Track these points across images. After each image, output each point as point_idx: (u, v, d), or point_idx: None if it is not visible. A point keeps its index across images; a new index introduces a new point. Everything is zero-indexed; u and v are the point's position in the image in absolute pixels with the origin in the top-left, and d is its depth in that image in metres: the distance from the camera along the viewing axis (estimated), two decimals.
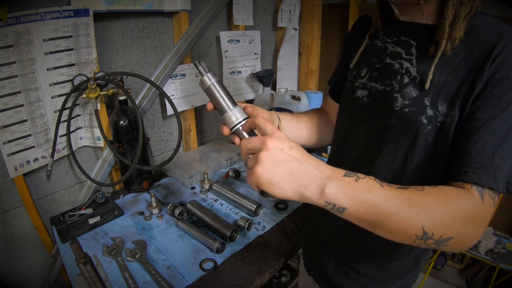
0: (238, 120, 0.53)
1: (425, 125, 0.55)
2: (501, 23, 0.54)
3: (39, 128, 1.05)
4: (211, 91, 0.54)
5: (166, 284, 0.81)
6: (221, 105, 0.54)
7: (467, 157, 0.50)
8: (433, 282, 1.96)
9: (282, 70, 1.87)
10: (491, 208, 0.50)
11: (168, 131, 1.51)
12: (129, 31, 1.23)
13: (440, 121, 0.54)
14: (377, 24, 0.67)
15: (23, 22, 0.92)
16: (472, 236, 0.49)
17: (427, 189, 0.48)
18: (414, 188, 0.48)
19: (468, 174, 0.49)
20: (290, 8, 1.77)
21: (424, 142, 0.56)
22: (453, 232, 0.47)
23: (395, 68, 0.60)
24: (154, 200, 1.10)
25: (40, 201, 1.14)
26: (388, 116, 0.60)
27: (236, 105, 0.55)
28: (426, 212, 0.46)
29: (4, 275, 1.09)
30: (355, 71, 0.70)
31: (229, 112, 0.54)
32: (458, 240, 0.48)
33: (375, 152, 0.63)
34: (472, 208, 0.47)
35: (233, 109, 0.54)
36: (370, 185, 0.46)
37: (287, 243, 0.97)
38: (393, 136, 0.60)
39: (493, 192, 0.49)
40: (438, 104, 0.54)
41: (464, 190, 0.49)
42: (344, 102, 0.75)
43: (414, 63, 0.58)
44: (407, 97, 0.57)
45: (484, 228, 0.50)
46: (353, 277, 0.73)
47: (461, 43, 0.53)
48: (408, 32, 0.60)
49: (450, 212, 0.47)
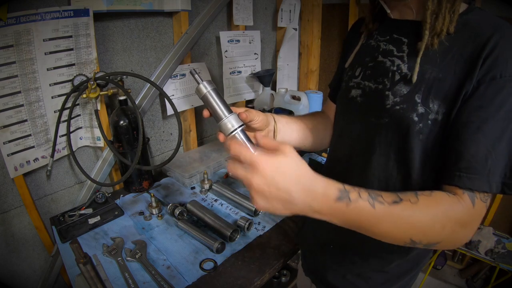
0: (233, 127, 0.54)
1: (416, 123, 0.55)
2: (496, 19, 0.52)
3: (39, 128, 1.05)
4: (207, 99, 0.55)
5: (166, 284, 0.81)
6: (217, 112, 0.55)
7: (460, 161, 0.50)
8: (433, 282, 1.96)
9: (282, 70, 1.87)
10: (483, 210, 0.51)
11: (168, 131, 1.51)
12: (129, 31, 1.23)
13: (432, 119, 0.54)
14: (368, 23, 0.67)
15: (23, 22, 0.92)
16: (462, 239, 0.52)
17: (421, 199, 0.49)
18: (407, 201, 0.49)
19: (461, 179, 0.49)
20: (290, 8, 1.77)
21: (416, 140, 0.56)
22: (442, 238, 0.50)
23: (386, 66, 0.60)
24: (154, 200, 1.10)
25: (40, 201, 1.14)
26: (380, 115, 0.60)
27: (231, 112, 0.56)
28: (416, 227, 0.49)
29: (4, 275, 1.09)
30: (350, 71, 0.70)
31: (224, 120, 0.55)
32: (447, 242, 0.51)
33: (369, 151, 0.63)
34: (463, 214, 0.49)
35: (229, 117, 0.55)
36: (361, 210, 0.47)
37: (287, 243, 0.97)
38: (386, 135, 0.60)
39: (485, 195, 0.50)
40: (429, 101, 0.54)
41: (456, 197, 0.50)
42: (339, 102, 0.75)
43: (405, 60, 0.57)
44: (398, 95, 0.57)
45: (474, 229, 0.51)
46: (349, 278, 0.73)
47: (453, 38, 0.52)
48: (400, 29, 0.60)
49: (440, 222, 0.49)
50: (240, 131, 0.55)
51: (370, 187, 0.63)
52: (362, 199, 0.47)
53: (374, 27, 0.66)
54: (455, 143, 0.51)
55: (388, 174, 0.61)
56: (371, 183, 0.64)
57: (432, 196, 0.50)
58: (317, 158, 1.47)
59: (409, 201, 0.48)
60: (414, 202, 0.48)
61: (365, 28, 0.68)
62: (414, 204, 0.48)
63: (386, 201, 0.48)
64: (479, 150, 0.49)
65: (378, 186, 0.63)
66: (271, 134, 0.71)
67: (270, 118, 0.71)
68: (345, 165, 0.70)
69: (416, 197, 0.49)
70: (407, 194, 0.50)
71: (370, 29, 0.67)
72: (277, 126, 0.72)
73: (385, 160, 0.61)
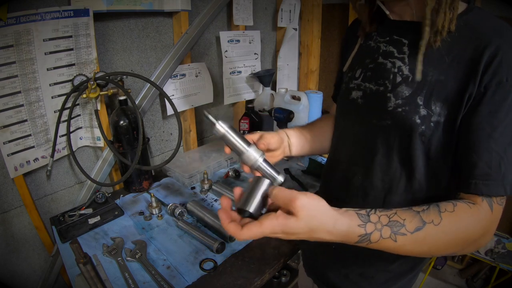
0: (256, 158, 0.59)
1: (418, 125, 0.55)
2: (496, 20, 0.52)
3: (39, 128, 1.05)
4: (226, 138, 0.59)
5: (166, 284, 0.81)
6: (238, 148, 0.59)
7: (475, 169, 0.51)
8: (433, 282, 1.96)
9: (282, 70, 1.87)
10: (500, 213, 0.53)
11: (168, 131, 1.51)
12: (129, 31, 1.23)
13: (434, 121, 0.54)
14: (365, 26, 0.65)
15: (23, 22, 0.92)
16: (481, 244, 0.54)
17: (444, 218, 0.50)
18: (431, 223, 0.49)
19: (477, 186, 0.51)
20: (290, 8, 1.77)
21: (419, 142, 0.56)
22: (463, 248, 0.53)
23: (387, 68, 0.59)
24: (154, 200, 1.10)
25: (40, 201, 1.14)
26: (382, 117, 0.60)
27: (250, 144, 0.60)
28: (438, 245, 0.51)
29: (4, 275, 1.09)
30: (350, 73, 0.69)
31: (246, 153, 0.59)
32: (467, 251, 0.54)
33: (370, 153, 0.63)
34: (483, 223, 0.51)
35: (249, 150, 0.59)
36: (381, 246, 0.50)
37: (287, 243, 0.97)
38: (388, 137, 0.60)
39: (501, 198, 0.52)
40: (432, 104, 0.53)
41: (476, 207, 0.51)
42: (340, 104, 0.75)
43: (407, 61, 0.57)
44: (400, 97, 0.57)
45: (493, 233, 0.53)
46: (352, 278, 0.72)
47: (453, 39, 0.52)
48: (400, 30, 0.59)
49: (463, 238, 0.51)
50: (262, 162, 0.60)
51: (374, 188, 0.64)
52: (384, 238, 0.49)
53: (372, 29, 0.65)
54: (468, 151, 0.52)
55: (391, 175, 0.61)
56: (374, 184, 0.64)
57: (455, 212, 0.51)
58: (317, 158, 1.47)
59: (433, 223, 0.49)
60: (437, 223, 0.49)
61: (362, 31, 0.67)
62: (438, 226, 0.49)
63: (409, 231, 0.49)
64: (492, 157, 0.50)
65: (382, 187, 0.63)
66: (286, 150, 0.75)
67: (284, 136, 0.74)
68: (346, 167, 0.70)
69: (439, 216, 0.50)
70: (431, 214, 0.50)
71: (368, 30, 0.65)
72: (290, 141, 0.75)
73: (388, 161, 0.61)
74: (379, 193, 0.64)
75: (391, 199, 0.63)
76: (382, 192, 0.63)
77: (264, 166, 0.59)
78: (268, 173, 0.59)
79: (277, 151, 0.72)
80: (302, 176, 1.36)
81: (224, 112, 1.77)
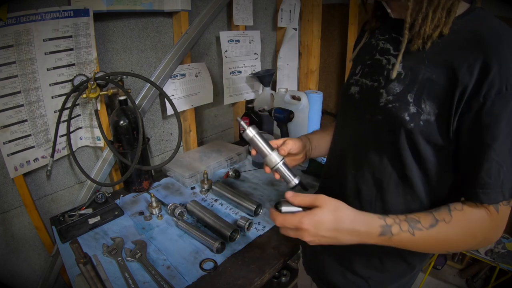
0: (276, 161, 0.69)
1: (407, 122, 0.55)
2: (496, 24, 0.51)
3: (39, 128, 1.05)
4: (253, 141, 0.69)
5: (166, 284, 0.81)
6: (263, 151, 0.69)
7: (475, 179, 0.53)
8: (433, 282, 1.96)
9: (282, 70, 1.87)
10: (508, 212, 0.55)
11: (168, 131, 1.51)
12: (129, 31, 1.23)
13: (424, 119, 0.54)
14: (372, 22, 0.68)
15: (23, 22, 0.92)
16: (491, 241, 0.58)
17: (454, 217, 0.55)
18: (442, 221, 0.54)
19: (478, 195, 0.53)
20: (290, 8, 1.77)
21: (408, 139, 0.56)
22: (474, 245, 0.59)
23: (382, 64, 0.61)
24: (154, 200, 1.10)
25: (40, 201, 1.14)
26: (374, 112, 0.60)
27: (273, 149, 0.70)
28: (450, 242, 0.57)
29: (4, 275, 1.09)
30: (352, 69, 0.71)
31: (269, 156, 0.69)
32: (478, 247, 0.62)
33: (365, 148, 0.64)
34: (490, 222, 0.54)
35: (272, 153, 0.69)
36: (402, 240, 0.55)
37: (287, 243, 0.97)
38: (379, 132, 0.60)
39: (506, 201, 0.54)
40: (422, 102, 0.53)
41: (484, 209, 0.54)
42: (340, 98, 0.76)
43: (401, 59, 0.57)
44: (391, 93, 0.57)
45: (502, 230, 0.56)
46: (349, 277, 0.73)
47: (450, 41, 0.52)
48: (398, 28, 0.60)
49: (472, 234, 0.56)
50: (281, 164, 0.69)
51: (365, 183, 0.65)
52: (403, 231, 0.54)
53: (376, 25, 0.67)
54: (468, 161, 0.54)
55: (382, 171, 0.62)
56: (366, 179, 0.64)
57: (463, 211, 0.55)
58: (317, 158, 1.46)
59: (444, 221, 0.54)
60: (448, 221, 0.54)
61: (369, 27, 0.70)
62: (448, 224, 0.54)
63: (424, 227, 0.54)
64: (492, 167, 0.51)
65: (373, 182, 0.64)
66: (308, 154, 0.82)
67: (306, 142, 0.81)
68: (340, 160, 0.71)
69: (449, 214, 0.55)
70: (442, 213, 0.55)
71: (373, 27, 0.68)
72: (311, 145, 0.82)
73: (379, 157, 0.62)
74: (371, 188, 0.64)
75: (384, 195, 0.63)
76: (373, 187, 0.64)
77: (282, 169, 0.68)
78: (285, 175, 0.68)
79: (299, 155, 0.80)
80: (302, 176, 1.36)
81: (224, 112, 1.77)
